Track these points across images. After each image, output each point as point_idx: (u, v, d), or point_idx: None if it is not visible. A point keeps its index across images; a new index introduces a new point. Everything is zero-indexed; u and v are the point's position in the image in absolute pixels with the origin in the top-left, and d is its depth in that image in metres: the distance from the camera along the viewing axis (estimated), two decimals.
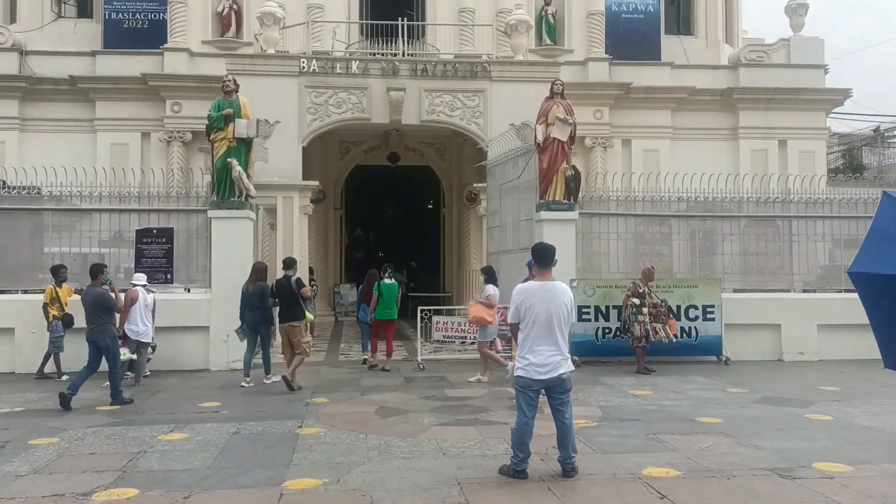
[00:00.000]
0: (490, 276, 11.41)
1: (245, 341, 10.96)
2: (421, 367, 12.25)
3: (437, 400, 9.57)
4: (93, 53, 20.88)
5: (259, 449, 7.01)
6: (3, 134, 20.34)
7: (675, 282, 13.35)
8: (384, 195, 27.14)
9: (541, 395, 6.07)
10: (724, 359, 13.00)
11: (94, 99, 20.61)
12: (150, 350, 11.73)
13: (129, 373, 11.16)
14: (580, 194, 13.53)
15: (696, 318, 13.04)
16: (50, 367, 11.50)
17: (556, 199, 12.96)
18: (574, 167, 13.23)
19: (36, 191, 12.89)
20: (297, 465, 6.44)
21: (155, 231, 12.81)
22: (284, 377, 10.23)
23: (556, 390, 6.01)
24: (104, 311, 9.27)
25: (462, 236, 22.07)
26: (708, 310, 13.06)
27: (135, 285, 11.09)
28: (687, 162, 17.58)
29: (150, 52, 20.65)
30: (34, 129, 20.49)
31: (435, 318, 13.20)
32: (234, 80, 13.05)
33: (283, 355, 10.64)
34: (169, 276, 12.75)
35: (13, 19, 22.64)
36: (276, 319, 11.01)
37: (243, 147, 12.87)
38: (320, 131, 17.79)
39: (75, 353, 11.13)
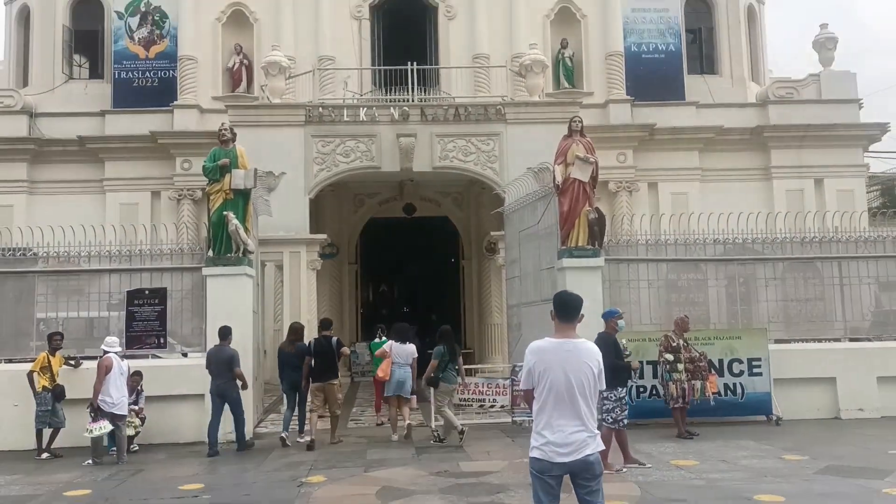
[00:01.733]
0: (399, 333, 11.73)
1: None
2: (435, 433, 11.03)
3: (450, 476, 8.37)
4: (102, 113, 20.62)
5: None
6: (12, 197, 20.01)
7: (716, 333, 12.10)
8: (401, 248, 26.18)
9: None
10: (774, 418, 11.63)
11: (104, 159, 20.27)
12: (139, 422, 10.78)
13: (113, 449, 10.17)
14: (605, 239, 12.42)
15: (741, 373, 11.72)
16: (56, 443, 10.52)
17: (579, 244, 11.84)
18: (597, 209, 12.12)
19: (21, 252, 12.10)
20: None
21: (147, 292, 11.94)
22: (312, 441, 10.47)
23: (582, 476, 4.77)
24: (231, 370, 10.53)
25: (483, 289, 20.97)
26: (754, 363, 11.74)
27: (107, 352, 10.02)
28: (717, 204, 16.30)
29: (159, 109, 20.38)
30: (43, 191, 20.17)
31: None
32: (231, 129, 12.29)
33: (313, 411, 10.80)
34: (161, 341, 11.82)
35: (25, 82, 22.54)
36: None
37: (241, 199, 11.99)
38: (328, 181, 16.98)
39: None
